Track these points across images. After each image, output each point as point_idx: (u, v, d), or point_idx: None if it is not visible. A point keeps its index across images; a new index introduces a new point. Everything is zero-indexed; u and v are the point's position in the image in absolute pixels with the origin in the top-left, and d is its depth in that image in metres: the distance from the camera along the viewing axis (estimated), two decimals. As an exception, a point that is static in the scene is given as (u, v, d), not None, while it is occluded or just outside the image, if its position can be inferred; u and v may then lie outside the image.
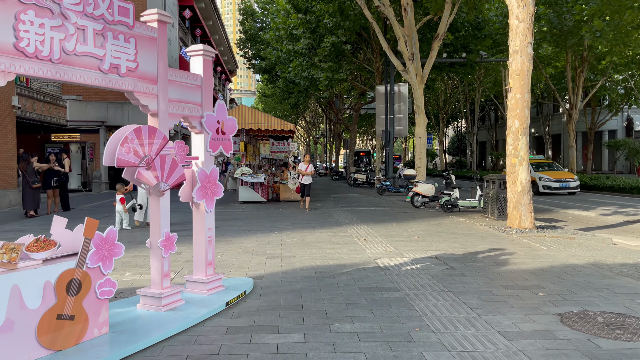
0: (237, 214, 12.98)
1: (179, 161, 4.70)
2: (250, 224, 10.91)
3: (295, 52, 25.03)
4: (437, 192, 14.44)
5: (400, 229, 10.00)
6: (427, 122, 55.13)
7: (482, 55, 23.45)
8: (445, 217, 12.12)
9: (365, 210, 13.78)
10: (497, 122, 55.02)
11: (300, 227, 10.42)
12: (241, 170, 16.15)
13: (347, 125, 32.61)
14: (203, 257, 5.10)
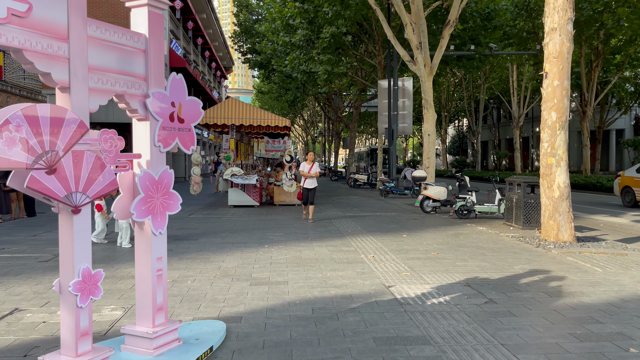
0: (224, 220, 11.40)
1: (107, 161, 3.13)
2: (236, 234, 9.33)
3: (292, 45, 23.45)
4: (449, 195, 12.88)
5: (414, 241, 8.44)
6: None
7: (491, 47, 21.91)
8: (463, 226, 10.55)
9: (370, 217, 12.22)
10: (500, 121, 53.54)
11: (295, 238, 8.84)
12: (231, 170, 14.56)
13: (347, 123, 31.04)
14: (149, 299, 3.52)
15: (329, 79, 22.57)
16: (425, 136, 15.37)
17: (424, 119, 15.43)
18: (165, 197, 3.57)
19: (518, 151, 32.93)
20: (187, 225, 10.57)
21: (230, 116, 14.26)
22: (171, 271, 6.20)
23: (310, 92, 28.92)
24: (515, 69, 31.65)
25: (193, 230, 9.81)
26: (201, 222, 11.13)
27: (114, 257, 7.07)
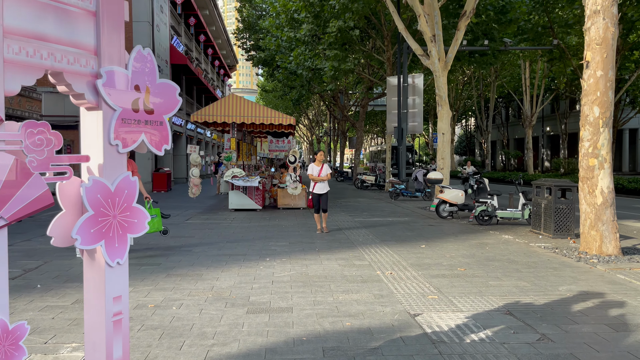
0: (223, 227, 10.46)
1: (35, 166, 2.19)
2: (235, 243, 8.39)
3: (296, 40, 22.49)
4: (467, 199, 11.89)
5: (435, 253, 7.46)
6: (437, 119, 52.83)
7: (506, 42, 20.90)
8: (485, 234, 9.56)
9: (381, 222, 11.25)
10: (509, 121, 52.40)
11: (301, 249, 7.89)
12: (232, 172, 13.63)
13: (354, 122, 30.05)
14: (103, 354, 2.57)
15: (336, 75, 21.60)
16: (440, 135, 14.38)
17: (438, 117, 14.44)
18: (125, 214, 2.62)
19: (530, 151, 31.86)
20: (182, 232, 9.63)
21: (231, 114, 13.32)
22: (155, 292, 5.27)
23: (315, 90, 27.96)
24: (528, 66, 30.58)
25: (187, 238, 8.87)
26: (198, 228, 10.20)
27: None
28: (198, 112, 13.42)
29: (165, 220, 11.44)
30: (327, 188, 9.59)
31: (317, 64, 22.14)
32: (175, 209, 14.31)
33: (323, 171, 9.50)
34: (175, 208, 14.50)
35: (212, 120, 13.35)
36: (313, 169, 9.52)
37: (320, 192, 9.51)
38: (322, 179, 9.46)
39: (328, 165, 9.69)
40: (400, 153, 20.30)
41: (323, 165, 9.52)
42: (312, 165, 9.59)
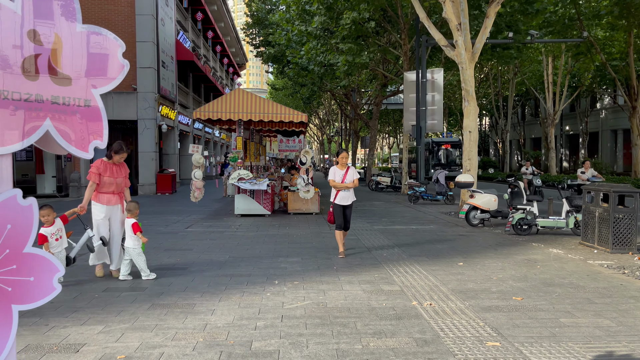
0: (226, 237, 9.26)
1: None
2: (239, 259, 7.18)
3: (308, 34, 21.26)
4: (501, 205, 10.60)
5: (477, 274, 6.20)
6: (450, 118, 51.20)
7: (532, 35, 19.49)
8: (528, 246, 8.26)
9: (404, 231, 9.98)
10: (525, 120, 50.73)
11: (316, 267, 6.66)
12: (238, 174, 12.44)
13: (367, 121, 28.76)
14: None
15: (349, 70, 20.35)
16: (466, 133, 13.08)
17: (465, 113, 13.14)
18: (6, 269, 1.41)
19: (553, 151, 30.33)
20: (179, 244, 8.45)
21: (237, 110, 12.13)
22: (131, 334, 4.07)
23: (327, 87, 26.72)
24: (551, 62, 29.07)
25: (184, 252, 7.68)
26: (198, 238, 9.01)
27: (106, 304, 4.95)
28: (201, 108, 12.25)
29: (163, 228, 10.28)
30: (353, 198, 7.40)
31: (330, 58, 20.90)
32: (177, 214, 13.17)
33: (348, 176, 7.32)
34: (178, 213, 13.35)
35: (216, 117, 12.17)
36: (335, 173, 7.36)
37: (344, 204, 7.33)
38: (347, 187, 7.30)
39: (354, 169, 7.56)
40: (419, 153, 19.00)
41: (348, 168, 7.38)
42: (333, 168, 7.44)
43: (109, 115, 20.26)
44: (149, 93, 20.45)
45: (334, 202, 7.39)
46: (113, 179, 5.95)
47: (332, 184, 7.42)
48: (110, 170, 5.95)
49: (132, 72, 20.47)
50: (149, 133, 20.58)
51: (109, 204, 5.97)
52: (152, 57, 20.41)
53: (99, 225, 5.94)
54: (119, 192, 6.09)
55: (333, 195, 7.44)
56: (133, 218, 5.88)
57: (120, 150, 6.01)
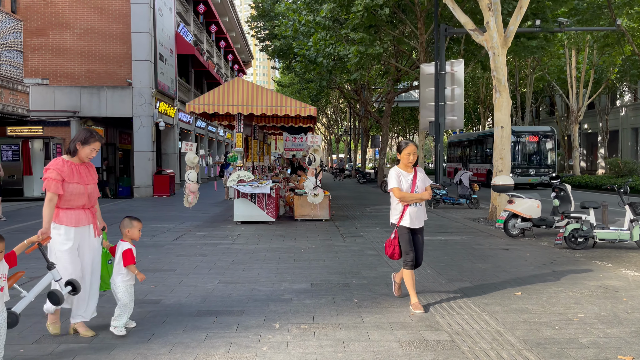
0: (220, 252, 7.72)
1: None
2: (229, 288, 5.63)
3: (316, 24, 19.70)
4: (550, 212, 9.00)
5: (547, 310, 4.61)
6: (464, 117, 49.42)
7: (561, 23, 17.82)
8: (593, 266, 6.63)
9: (432, 243, 8.39)
10: (540, 117, 48.83)
11: (330, 297, 5.10)
12: (237, 175, 10.91)
13: (378, 118, 27.17)
14: None
15: (361, 62, 18.76)
16: (498, 129, 11.47)
17: (495, 106, 11.53)
18: None
19: (577, 150, 28.53)
20: (161, 261, 6.92)
21: (236, 102, 10.60)
22: None
23: (337, 81, 25.13)
24: (575, 56, 27.31)
25: (164, 274, 6.15)
26: (186, 253, 7.48)
27: None
28: (195, 100, 10.73)
29: (148, 240, 8.76)
30: (425, 216, 4.93)
31: (340, 50, 19.32)
32: (170, 220, 11.66)
33: (419, 182, 4.81)
34: (171, 219, 11.84)
35: (212, 110, 10.64)
36: (400, 178, 4.78)
37: (416, 225, 4.82)
38: (419, 198, 4.75)
39: (424, 173, 4.98)
40: (438, 152, 17.38)
41: (416, 171, 4.85)
42: (395, 171, 4.82)
43: (102, 112, 18.86)
44: (145, 88, 18.99)
45: (400, 223, 4.77)
46: (83, 186, 3.93)
47: (397, 196, 4.72)
48: (77, 173, 3.93)
49: (127, 65, 19.05)
50: (145, 131, 19.12)
51: (79, 225, 3.91)
52: (148, 49, 18.95)
53: (64, 260, 3.81)
54: (91, 206, 4.07)
55: (397, 212, 4.83)
56: (127, 241, 4.06)
57: (90, 139, 3.96)
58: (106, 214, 13.16)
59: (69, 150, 4.00)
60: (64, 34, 18.96)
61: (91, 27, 18.98)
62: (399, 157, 4.85)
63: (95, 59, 19.05)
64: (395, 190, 4.75)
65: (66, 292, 3.64)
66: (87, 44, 18.99)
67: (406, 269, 4.77)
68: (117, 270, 4.03)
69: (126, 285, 4.02)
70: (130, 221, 4.12)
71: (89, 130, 4.02)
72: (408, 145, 4.82)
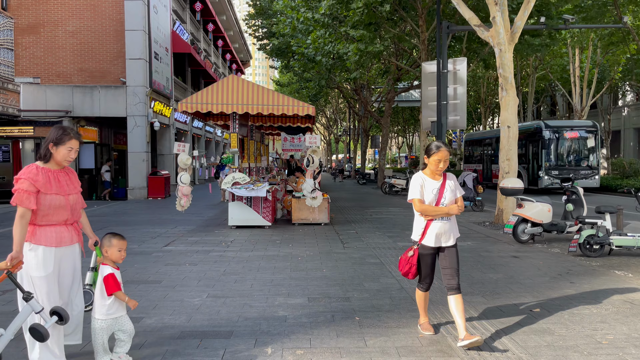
0: (212, 260, 7.22)
1: None
2: (218, 303, 5.14)
3: (315, 22, 19.21)
4: (562, 216, 8.52)
5: (575, 334, 4.12)
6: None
7: (566, 20, 17.34)
8: (613, 277, 6.14)
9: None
10: (541, 117, 48.40)
11: (329, 314, 4.61)
12: (232, 177, 10.42)
13: (378, 118, 26.70)
14: None
15: (361, 61, 18.28)
16: (504, 129, 10.99)
17: (502, 105, 11.05)
18: None
19: (580, 150, 27.97)
20: (146, 272, 6.42)
21: (230, 101, 10.11)
22: None
23: (337, 79, 24.63)
24: (578, 54, 26.84)
25: (148, 286, 5.66)
26: (175, 262, 6.99)
27: None
28: (187, 99, 10.24)
29: (137, 247, 8.27)
30: (456, 232, 4.04)
31: (339, 48, 18.84)
32: (162, 224, 11.17)
33: (447, 193, 3.95)
34: (163, 223, 11.35)
35: (205, 109, 10.14)
36: (424, 187, 3.95)
37: (442, 244, 3.97)
38: (446, 213, 3.89)
39: (453, 177, 4.08)
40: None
41: (445, 179, 4.00)
42: (418, 179, 3.98)
43: (95, 112, 18.36)
44: (139, 87, 18.48)
45: (421, 242, 3.98)
46: (63, 197, 3.27)
47: (418, 209, 3.94)
48: (56, 182, 3.27)
49: (120, 64, 18.55)
50: (140, 131, 18.62)
51: (61, 245, 3.29)
52: (142, 47, 18.45)
53: (41, 289, 3.19)
54: (74, 220, 3.44)
55: (419, 228, 4.02)
56: (108, 264, 3.41)
57: (65, 137, 3.28)
58: (97, 217, 12.67)
59: (41, 156, 3.33)
60: (56, 31, 18.46)
61: (84, 24, 18.49)
62: (426, 161, 3.99)
63: (88, 57, 18.55)
64: (415, 202, 3.94)
65: (52, 323, 2.98)
66: (80, 42, 18.49)
67: (420, 290, 4.17)
68: (100, 303, 3.34)
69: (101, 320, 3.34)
70: (110, 239, 3.45)
71: (61, 128, 3.37)
72: (440, 150, 3.88)
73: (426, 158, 3.99)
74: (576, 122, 21.64)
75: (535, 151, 21.41)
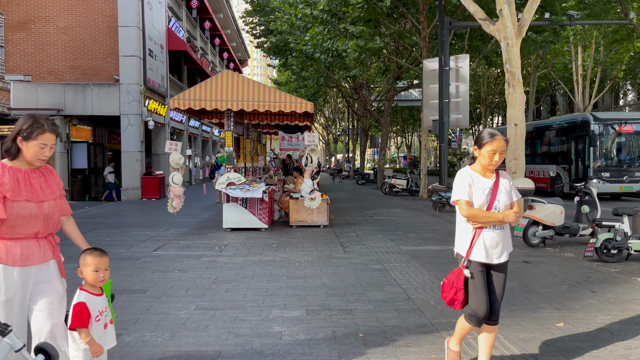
0: (203, 265, 6.74)
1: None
2: (207, 316, 4.66)
3: (313, 18, 18.76)
4: (574, 219, 8.06)
5: (608, 356, 3.66)
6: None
7: (571, 16, 16.92)
8: (636, 285, 5.69)
9: (443, 255, 7.43)
10: (540, 117, 48.01)
11: (330, 332, 4.14)
12: (227, 178, 9.94)
13: (378, 118, 26.23)
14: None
15: (361, 58, 17.81)
16: (511, 127, 10.52)
17: (508, 102, 10.59)
18: None
19: (583, 150, 27.52)
20: (132, 279, 5.94)
21: (225, 97, 9.63)
22: None
23: (335, 77, 24.15)
24: (581, 52, 26.41)
25: (132, 297, 5.18)
26: (164, 268, 6.51)
27: None
28: (179, 95, 9.76)
29: (125, 251, 7.80)
30: (510, 247, 3.20)
31: (338, 45, 18.38)
32: (154, 226, 10.69)
33: (501, 195, 3.10)
34: (155, 225, 10.87)
35: (198, 106, 9.67)
36: (473, 185, 3.12)
37: (493, 260, 3.11)
38: (500, 220, 3.06)
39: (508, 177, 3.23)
40: (443, 152, 16.45)
41: (499, 177, 3.17)
42: (466, 175, 3.16)
43: (88, 110, 17.86)
44: (133, 85, 17.99)
45: (469, 257, 3.12)
46: (35, 204, 2.64)
47: (466, 214, 3.08)
48: (27, 185, 2.64)
49: (113, 61, 18.06)
50: (134, 130, 18.12)
51: (27, 264, 2.63)
52: (136, 44, 17.95)
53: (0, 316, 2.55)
54: (49, 233, 2.76)
55: (465, 238, 3.18)
56: (86, 289, 2.67)
57: (36, 130, 2.62)
58: (87, 219, 12.17)
59: (7, 151, 2.65)
60: (47, 28, 17.95)
61: (76, 20, 17.98)
62: (476, 153, 3.16)
63: (80, 54, 18.04)
64: (462, 205, 3.06)
65: None
66: (72, 38, 17.98)
67: (469, 324, 3.19)
68: (73, 347, 2.64)
69: None
70: (84, 256, 2.66)
71: (32, 117, 2.66)
72: (494, 139, 3.04)
73: (476, 149, 3.16)
74: (630, 115, 18.71)
75: (581, 149, 17.96)
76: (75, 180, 19.11)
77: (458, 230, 3.25)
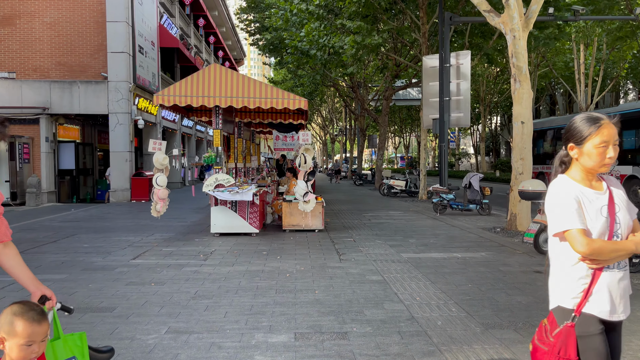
0: (184, 277, 6.10)
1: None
2: (181, 341, 4.02)
3: (309, 13, 18.13)
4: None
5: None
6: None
7: (576, 11, 16.33)
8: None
9: (448, 263, 6.81)
10: (540, 117, 47.49)
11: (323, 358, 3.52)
12: (215, 179, 9.30)
13: (376, 117, 25.62)
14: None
15: (358, 54, 17.19)
16: (517, 124, 9.91)
17: (515, 99, 9.98)
18: None
19: (585, 150, 26.96)
20: (101, 294, 5.30)
21: (213, 93, 8.99)
22: None
23: (332, 75, 23.53)
24: (583, 50, 25.85)
25: (98, 316, 4.54)
26: (139, 280, 5.87)
27: None
28: (164, 91, 9.12)
29: (101, 259, 7.15)
30: (629, 290, 2.10)
31: (335, 41, 17.76)
32: (137, 231, 10.04)
33: (620, 213, 2.06)
34: (139, 230, 10.23)
35: (183, 102, 9.02)
36: (583, 203, 2.04)
37: (613, 317, 2.03)
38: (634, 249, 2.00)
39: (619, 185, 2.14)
40: (444, 152, 15.84)
41: (608, 184, 2.14)
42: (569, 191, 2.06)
43: (75, 108, 17.19)
44: (122, 82, 17.33)
45: (583, 308, 2.02)
46: None
47: (590, 250, 1.96)
48: None
49: (102, 58, 17.39)
50: (123, 130, 17.46)
51: None
52: (125, 40, 17.29)
53: None
54: None
55: (574, 284, 2.05)
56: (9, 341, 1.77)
57: None
58: (68, 223, 11.50)
59: None
60: (32, 23, 17.27)
61: (62, 15, 17.31)
62: (574, 152, 2.13)
63: (67, 50, 17.37)
64: (576, 237, 1.99)
65: None
66: (58, 34, 17.31)
67: None
68: None
69: None
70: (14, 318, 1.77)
71: None
72: (601, 124, 2.05)
73: (573, 148, 2.12)
74: None
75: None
76: (62, 182, 18.43)
77: (559, 274, 2.10)
